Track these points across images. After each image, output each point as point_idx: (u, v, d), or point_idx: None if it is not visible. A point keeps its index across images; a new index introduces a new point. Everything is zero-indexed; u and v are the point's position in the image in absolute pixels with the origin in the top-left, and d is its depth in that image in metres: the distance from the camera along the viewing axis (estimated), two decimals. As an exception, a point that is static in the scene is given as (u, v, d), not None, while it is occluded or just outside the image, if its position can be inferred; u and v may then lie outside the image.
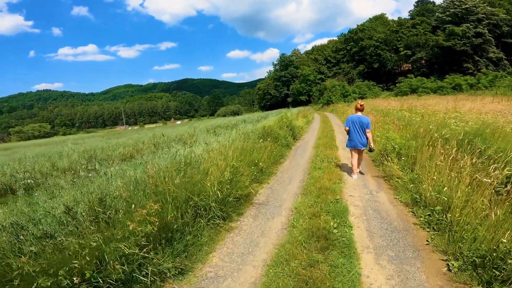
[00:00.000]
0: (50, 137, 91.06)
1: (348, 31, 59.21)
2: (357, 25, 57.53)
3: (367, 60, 53.64)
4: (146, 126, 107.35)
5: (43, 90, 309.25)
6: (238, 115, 65.59)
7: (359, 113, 5.69)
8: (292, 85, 60.66)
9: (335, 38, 66.72)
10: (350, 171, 6.26)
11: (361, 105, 5.72)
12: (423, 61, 51.85)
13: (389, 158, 6.02)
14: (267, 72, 73.70)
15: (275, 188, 5.54)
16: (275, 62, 68.33)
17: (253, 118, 23.37)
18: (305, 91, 57.04)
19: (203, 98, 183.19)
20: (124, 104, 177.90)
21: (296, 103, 56.20)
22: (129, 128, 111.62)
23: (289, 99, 61.34)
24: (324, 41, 70.40)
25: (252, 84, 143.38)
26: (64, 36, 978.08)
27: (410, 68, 55.30)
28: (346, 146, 5.89)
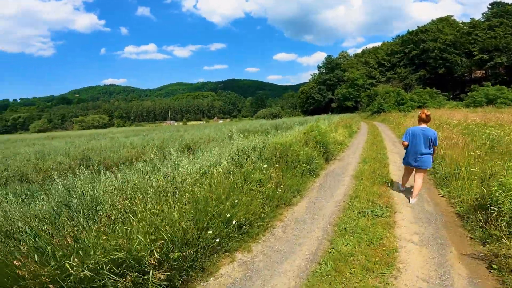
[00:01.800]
0: (106, 127, 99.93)
1: (407, 32, 52.58)
2: (418, 27, 50.78)
3: (431, 64, 46.71)
4: (189, 123, 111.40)
5: (109, 84, 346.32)
6: (278, 118, 63.44)
7: (424, 125, 4.58)
8: (337, 90, 56.14)
9: (390, 42, 60.44)
10: (411, 236, 3.54)
11: (427, 115, 4.55)
12: (502, 67, 43.26)
13: (504, 226, 3.01)
14: (311, 75, 69.95)
15: (252, 273, 2.93)
16: (320, 65, 64.46)
17: (288, 124, 20.71)
18: (352, 96, 52.05)
19: (247, 99, 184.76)
20: (173, 101, 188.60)
21: (341, 109, 51.69)
22: (175, 123, 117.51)
23: (334, 105, 56.89)
24: (377, 44, 63.96)
25: (297, 87, 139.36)
26: (129, 35, 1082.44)
27: (484, 75, 46.89)
28: (403, 162, 4.94)
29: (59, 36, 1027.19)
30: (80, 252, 2.09)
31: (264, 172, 4.63)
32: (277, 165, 4.93)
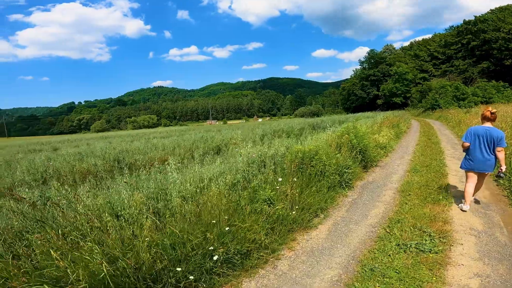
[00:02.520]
0: (155, 127, 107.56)
1: (463, 22, 46.62)
2: (475, 16, 44.81)
3: (495, 55, 40.70)
4: (229, 122, 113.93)
5: (158, 86, 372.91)
6: (317, 116, 61.15)
7: (488, 124, 4.05)
8: (383, 85, 51.87)
9: (443, 33, 54.45)
10: (468, 280, 2.51)
11: (492, 113, 4.01)
12: None
13: None
14: (353, 70, 65.90)
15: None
16: (362, 59, 60.37)
17: (327, 123, 19.41)
18: (400, 92, 47.68)
19: (286, 97, 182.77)
20: (215, 100, 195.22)
21: (388, 106, 47.73)
22: (216, 122, 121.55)
23: (379, 101, 52.78)
24: (427, 37, 57.94)
25: (338, 84, 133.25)
26: (173, 39, 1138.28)
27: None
28: (461, 167, 4.36)
29: (112, 41, 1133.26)
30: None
31: (278, 187, 3.93)
32: (294, 179, 4.18)
